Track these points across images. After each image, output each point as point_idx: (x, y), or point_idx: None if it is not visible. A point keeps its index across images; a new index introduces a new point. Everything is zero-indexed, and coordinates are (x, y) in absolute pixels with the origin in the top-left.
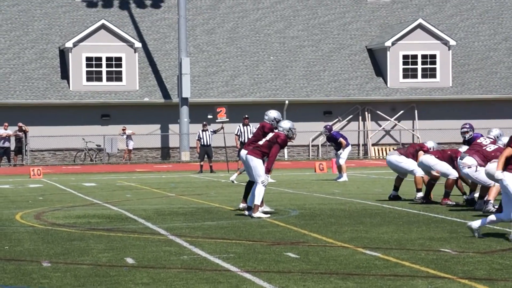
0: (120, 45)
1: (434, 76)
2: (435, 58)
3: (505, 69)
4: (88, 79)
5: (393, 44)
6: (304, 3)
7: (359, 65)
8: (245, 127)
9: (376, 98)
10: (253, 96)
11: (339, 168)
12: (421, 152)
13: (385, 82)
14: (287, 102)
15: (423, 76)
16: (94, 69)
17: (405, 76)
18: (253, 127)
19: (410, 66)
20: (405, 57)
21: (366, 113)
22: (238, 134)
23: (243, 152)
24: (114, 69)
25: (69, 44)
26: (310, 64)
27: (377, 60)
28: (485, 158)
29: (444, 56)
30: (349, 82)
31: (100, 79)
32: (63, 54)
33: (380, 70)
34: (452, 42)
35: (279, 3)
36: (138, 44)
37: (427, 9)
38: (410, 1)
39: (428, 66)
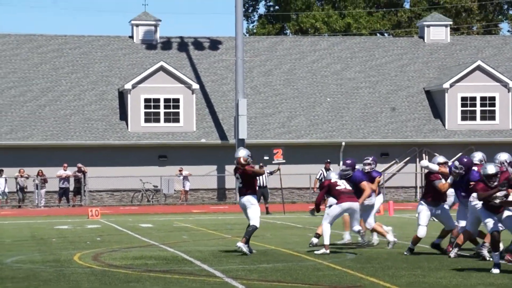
0: (178, 87)
1: (493, 118)
2: (494, 100)
3: None
4: (146, 120)
5: (451, 86)
6: (361, 45)
7: (417, 107)
8: (327, 171)
9: (434, 140)
10: (309, 138)
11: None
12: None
13: (443, 124)
14: (343, 143)
15: (482, 118)
16: (152, 110)
17: (463, 118)
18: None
19: (468, 108)
20: (463, 99)
21: (424, 155)
22: (320, 178)
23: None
24: (172, 110)
25: (128, 86)
26: (367, 106)
27: (435, 102)
28: None
29: (504, 98)
30: (406, 124)
31: (158, 120)
32: (122, 96)
33: (438, 112)
34: (511, 84)
35: (336, 45)
36: (195, 86)
37: (486, 51)
38: (469, 42)
39: (487, 108)
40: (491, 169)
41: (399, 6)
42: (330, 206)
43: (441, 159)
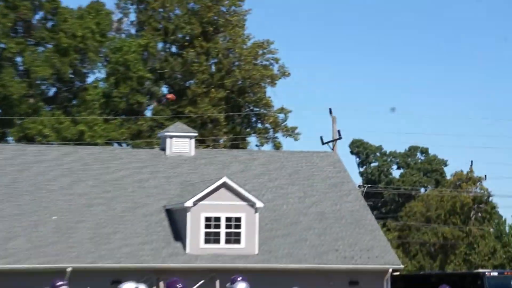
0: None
1: (238, 241)
2: (240, 221)
3: (315, 236)
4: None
5: (194, 204)
6: (95, 156)
7: (156, 228)
8: None
9: (172, 265)
10: (29, 263)
11: None
12: None
13: (184, 247)
14: (69, 269)
15: (227, 241)
16: (212, 230)
17: (207, 241)
18: None
19: (212, 230)
20: (207, 219)
21: (162, 283)
22: None
23: None
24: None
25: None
26: (99, 226)
27: (176, 222)
28: None
29: (250, 220)
30: (143, 247)
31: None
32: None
33: (179, 233)
34: (259, 204)
35: (67, 155)
36: None
37: (233, 166)
38: (214, 156)
39: (233, 230)
40: None
41: (140, 113)
42: None
43: None
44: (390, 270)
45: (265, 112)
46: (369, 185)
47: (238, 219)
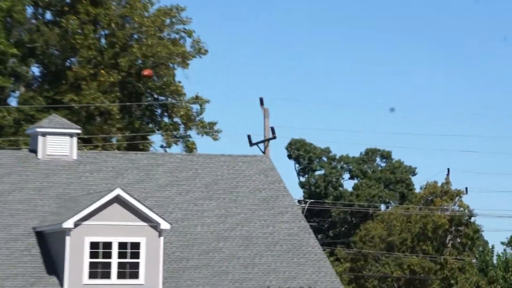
0: None
1: (136, 275)
2: (139, 248)
3: (240, 267)
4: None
5: (76, 225)
6: None
7: (21, 257)
8: None
9: None
10: None
11: None
12: None
13: (61, 284)
14: None
15: (120, 275)
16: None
17: (92, 275)
18: None
19: (101, 260)
20: (93, 245)
21: None
22: None
23: None
24: None
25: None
26: None
27: (51, 250)
28: None
29: (153, 246)
30: (2, 284)
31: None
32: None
33: (54, 265)
34: (164, 225)
35: None
36: None
37: (129, 174)
38: (104, 161)
39: (128, 260)
40: None
41: (1, 102)
42: None
43: None
44: None
45: (174, 102)
46: (313, 200)
47: (136, 245)
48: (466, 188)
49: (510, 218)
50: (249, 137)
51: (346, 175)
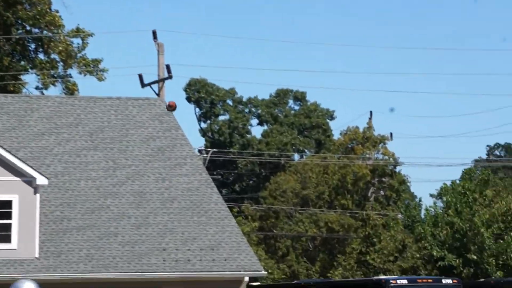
0: None
1: (7, 239)
2: (11, 207)
3: (130, 228)
4: None
5: None
6: None
7: None
8: None
9: None
10: None
11: None
12: None
13: None
14: None
15: None
16: None
17: None
18: None
19: None
20: None
21: None
22: None
23: None
24: None
25: None
26: None
27: None
28: None
29: (27, 205)
30: None
31: None
32: None
33: None
34: (40, 180)
35: None
36: None
37: None
38: None
39: None
40: None
41: None
42: None
43: None
44: (246, 279)
45: (50, 36)
46: (216, 150)
47: (7, 204)
48: (391, 134)
49: (440, 167)
50: (140, 76)
51: (254, 121)
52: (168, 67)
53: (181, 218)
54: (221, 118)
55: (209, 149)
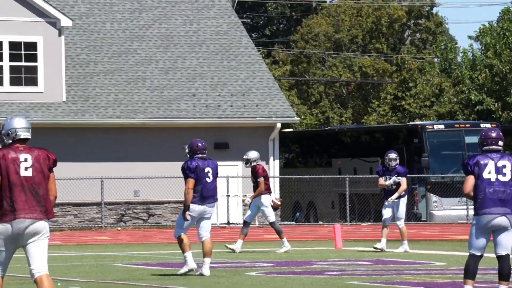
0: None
1: (33, 82)
2: (36, 49)
3: (158, 73)
4: None
5: None
6: None
7: None
8: None
9: None
10: None
11: None
12: None
13: None
14: None
15: (14, 81)
16: None
17: None
18: None
19: None
20: None
21: None
22: None
23: None
24: None
25: None
26: None
27: None
28: None
29: (52, 47)
30: None
31: None
32: None
33: None
34: (65, 22)
35: None
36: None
37: None
38: None
39: (23, 63)
40: None
41: None
42: None
43: None
44: (279, 125)
45: None
46: None
47: (31, 46)
48: None
49: (479, 8)
50: None
51: None
52: None
53: (211, 63)
54: None
55: None
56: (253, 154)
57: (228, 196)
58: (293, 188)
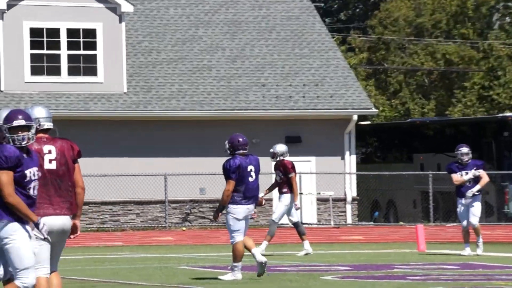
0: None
1: (92, 72)
2: (95, 37)
3: (225, 61)
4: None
5: (10, 5)
6: None
7: None
8: None
9: None
10: None
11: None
12: None
13: None
14: None
15: (72, 71)
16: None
17: (35, 72)
18: None
19: (45, 52)
20: (34, 32)
21: None
22: None
23: None
24: None
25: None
26: None
27: None
28: None
29: (112, 34)
30: None
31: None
32: None
33: None
34: (126, 7)
35: None
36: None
37: None
38: None
39: (82, 52)
40: None
41: None
42: None
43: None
44: (355, 117)
45: None
46: None
47: (90, 34)
48: None
49: None
50: None
51: None
52: None
53: (281, 50)
54: None
55: None
56: (280, 148)
57: (301, 194)
58: (371, 185)
